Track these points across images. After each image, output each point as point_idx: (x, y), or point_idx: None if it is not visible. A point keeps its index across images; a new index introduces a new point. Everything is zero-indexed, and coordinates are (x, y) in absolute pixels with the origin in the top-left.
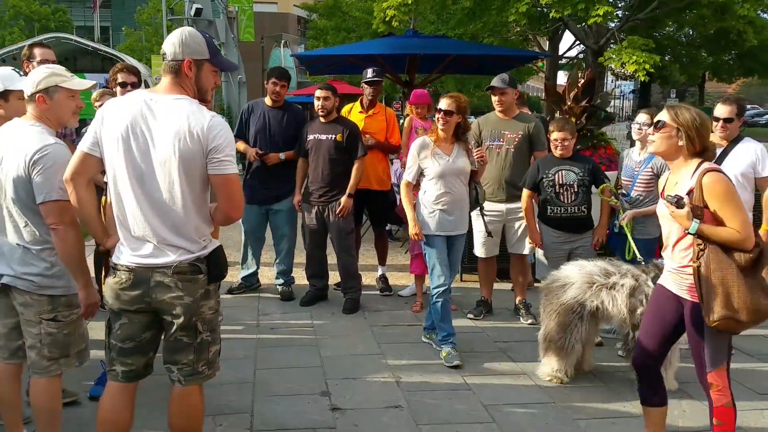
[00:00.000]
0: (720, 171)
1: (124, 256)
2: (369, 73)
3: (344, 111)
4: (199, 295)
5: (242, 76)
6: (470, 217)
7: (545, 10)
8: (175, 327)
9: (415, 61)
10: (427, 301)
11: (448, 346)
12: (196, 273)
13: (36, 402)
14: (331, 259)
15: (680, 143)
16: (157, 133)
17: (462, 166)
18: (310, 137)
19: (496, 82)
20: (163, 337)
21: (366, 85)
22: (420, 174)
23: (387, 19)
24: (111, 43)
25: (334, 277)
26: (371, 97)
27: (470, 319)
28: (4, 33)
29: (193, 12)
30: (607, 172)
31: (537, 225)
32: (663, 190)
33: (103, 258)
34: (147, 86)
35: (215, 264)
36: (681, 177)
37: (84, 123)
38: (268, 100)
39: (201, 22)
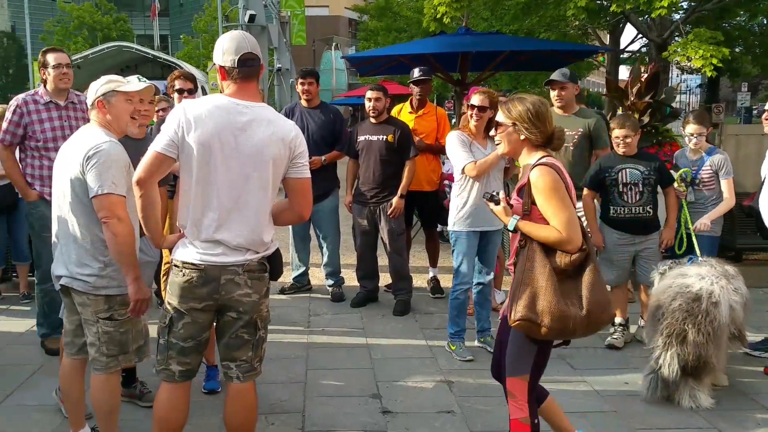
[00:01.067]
0: (550, 165)
1: (192, 254)
2: (416, 72)
3: (394, 112)
4: (264, 292)
5: (293, 80)
6: None
7: (606, 3)
8: (238, 324)
9: (468, 59)
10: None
11: (459, 341)
12: (263, 271)
13: (95, 397)
14: (382, 260)
15: (521, 137)
16: (248, 139)
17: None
18: (361, 138)
19: (556, 75)
20: (218, 335)
21: (413, 85)
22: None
23: (438, 16)
24: (170, 51)
25: (384, 278)
26: (420, 96)
27: None
28: (69, 42)
29: (247, 18)
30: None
31: (599, 226)
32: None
33: None
34: (204, 92)
35: (277, 263)
36: (524, 171)
37: None
38: (303, 102)
39: (254, 27)
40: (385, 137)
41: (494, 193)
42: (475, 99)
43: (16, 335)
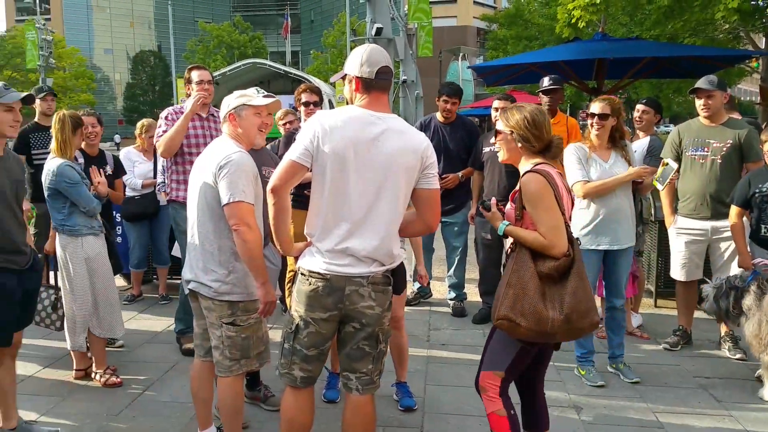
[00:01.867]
0: (540, 171)
1: (319, 263)
2: (545, 81)
3: None
4: (387, 305)
5: (419, 91)
6: (637, 233)
7: (762, 3)
8: (360, 335)
9: (604, 65)
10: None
11: (588, 365)
12: (387, 284)
13: (221, 399)
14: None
15: (519, 145)
16: (381, 150)
17: (621, 173)
18: (486, 149)
19: (702, 83)
20: (340, 346)
21: (543, 95)
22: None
23: (573, 21)
24: (300, 66)
25: None
26: (549, 106)
27: (666, 349)
28: (209, 60)
29: (374, 32)
30: None
31: (748, 247)
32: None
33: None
34: (331, 105)
35: (401, 276)
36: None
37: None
38: (439, 116)
39: (381, 41)
40: None
41: (486, 200)
42: (595, 107)
43: (153, 334)
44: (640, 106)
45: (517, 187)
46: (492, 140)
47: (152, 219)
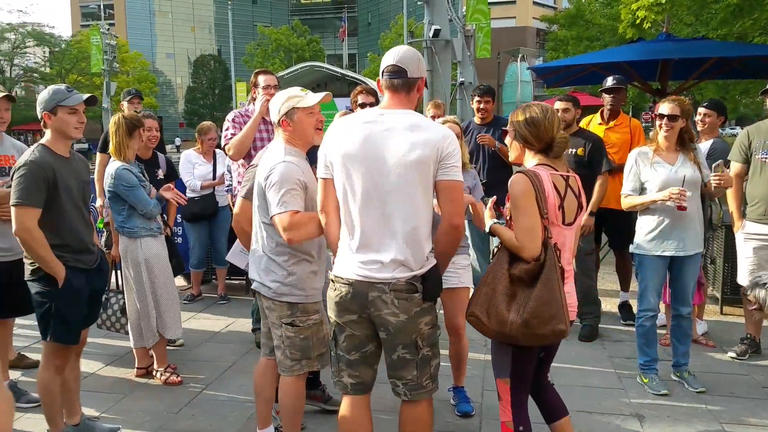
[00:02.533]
0: (527, 172)
1: (343, 268)
2: (609, 81)
3: (583, 123)
4: (414, 312)
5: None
6: (706, 238)
7: None
8: (395, 344)
9: (669, 66)
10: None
11: (651, 373)
12: (412, 292)
13: (282, 397)
14: None
15: (520, 144)
16: (392, 147)
17: (688, 177)
18: None
19: None
20: (384, 353)
21: (605, 94)
22: (641, 187)
23: (637, 21)
24: (357, 69)
25: None
26: (611, 107)
27: (732, 358)
28: (267, 64)
29: (431, 33)
30: None
31: None
32: None
33: None
34: None
35: (432, 282)
36: None
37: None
38: (476, 119)
39: (438, 42)
40: (574, 150)
41: (484, 198)
42: (665, 107)
43: (212, 334)
44: (701, 110)
45: None
46: (504, 138)
47: (211, 219)
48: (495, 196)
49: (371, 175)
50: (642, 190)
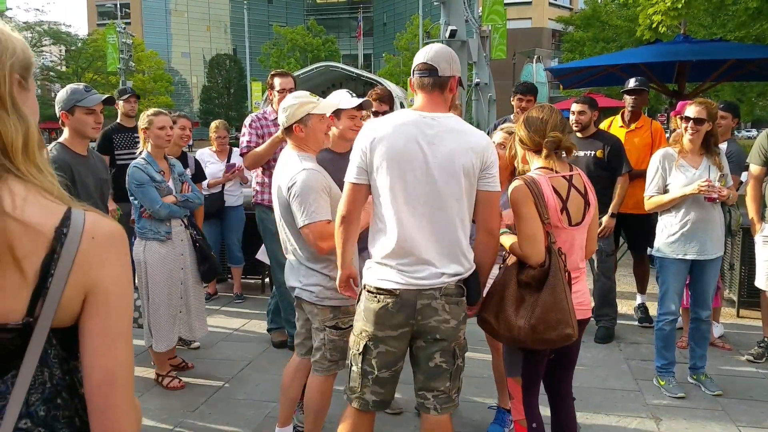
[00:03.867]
0: (526, 179)
1: (385, 278)
2: (631, 82)
3: (603, 125)
4: (462, 318)
5: (492, 94)
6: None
7: None
8: (435, 351)
9: (686, 68)
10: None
11: (669, 375)
12: (461, 295)
13: (308, 396)
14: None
15: (520, 146)
16: (438, 153)
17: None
18: None
19: None
20: (414, 364)
21: (627, 96)
22: (665, 189)
23: (654, 26)
24: (372, 69)
25: None
26: (632, 108)
27: (749, 361)
28: (283, 64)
29: (447, 34)
30: None
31: None
32: None
33: None
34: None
35: (475, 285)
36: None
37: None
38: (514, 117)
39: (455, 43)
40: (593, 152)
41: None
42: (691, 110)
43: (229, 332)
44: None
45: None
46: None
47: (223, 219)
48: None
49: (418, 180)
50: (665, 193)
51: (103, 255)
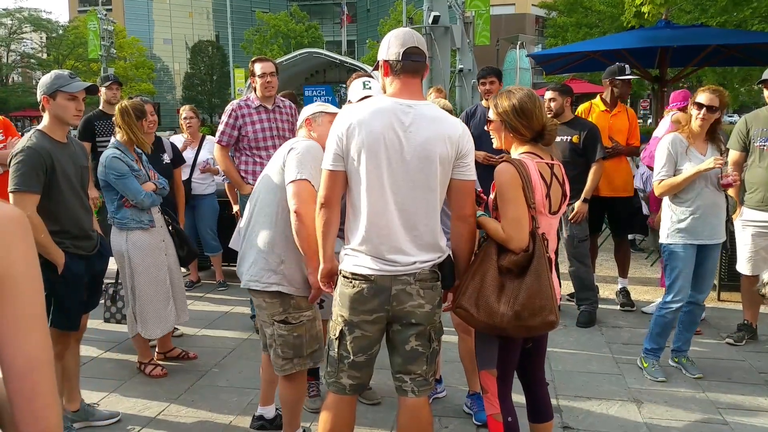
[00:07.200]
0: (514, 162)
1: (360, 264)
2: (627, 70)
3: (580, 110)
4: (437, 302)
5: (476, 80)
6: (727, 227)
7: None
8: (409, 335)
9: (668, 53)
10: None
11: (653, 358)
12: (435, 280)
13: (281, 392)
14: (564, 267)
15: (510, 132)
16: (414, 140)
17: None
18: None
19: None
20: (391, 348)
21: (621, 82)
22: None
23: (641, 13)
24: (356, 56)
25: (567, 287)
26: (621, 94)
27: (729, 344)
28: (265, 50)
29: (431, 20)
30: None
31: None
32: None
33: None
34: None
35: (450, 270)
36: None
37: None
38: (484, 102)
39: (438, 29)
40: (569, 138)
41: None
42: (703, 97)
43: (211, 320)
44: None
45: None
46: (486, 128)
47: (194, 208)
48: (480, 188)
49: (393, 167)
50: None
51: (7, 239)
